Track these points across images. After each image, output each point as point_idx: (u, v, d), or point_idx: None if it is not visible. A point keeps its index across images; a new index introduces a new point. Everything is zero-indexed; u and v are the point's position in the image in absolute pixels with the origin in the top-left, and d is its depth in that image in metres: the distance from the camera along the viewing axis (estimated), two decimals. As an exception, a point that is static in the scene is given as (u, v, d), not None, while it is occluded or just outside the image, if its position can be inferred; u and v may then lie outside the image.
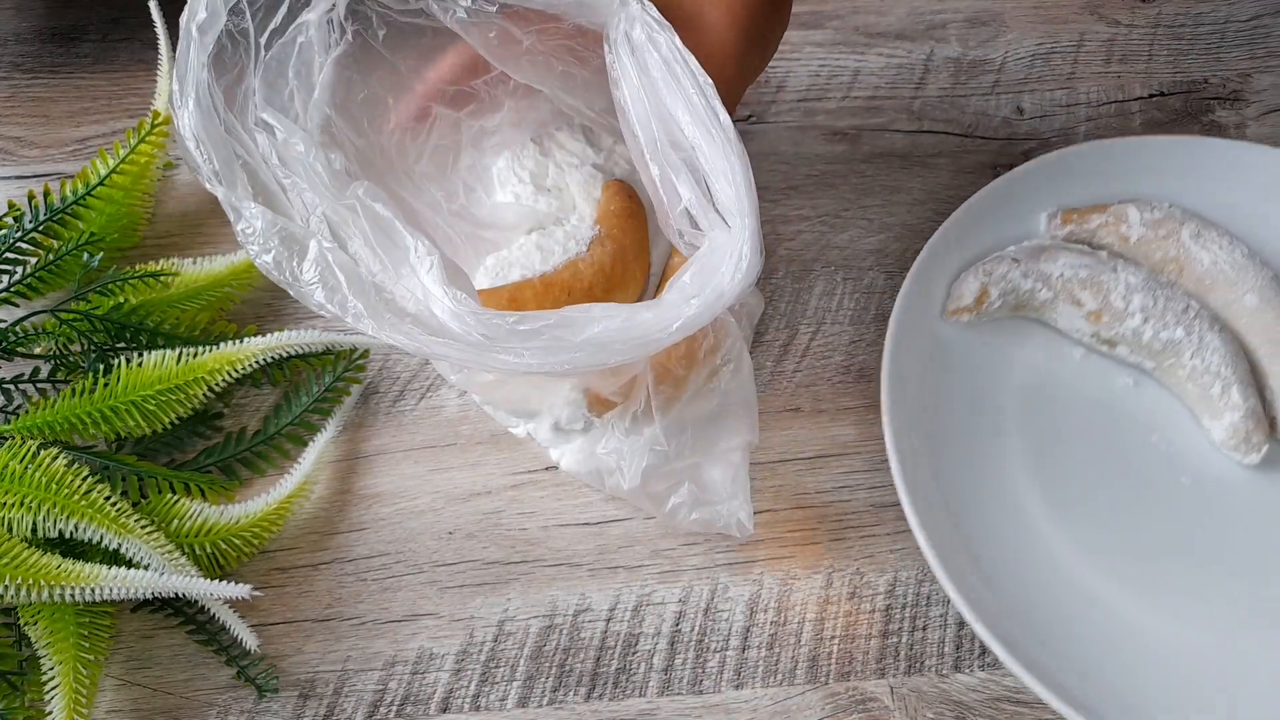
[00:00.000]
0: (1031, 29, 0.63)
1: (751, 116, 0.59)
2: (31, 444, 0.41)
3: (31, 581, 0.38)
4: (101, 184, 0.50)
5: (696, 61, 0.37)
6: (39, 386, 0.47)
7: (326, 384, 0.48)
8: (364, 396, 0.49)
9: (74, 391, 0.44)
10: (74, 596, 0.39)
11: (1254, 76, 0.60)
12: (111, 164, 0.50)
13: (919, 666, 0.43)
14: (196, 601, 0.42)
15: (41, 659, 0.40)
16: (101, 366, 0.45)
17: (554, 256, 0.47)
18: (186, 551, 0.43)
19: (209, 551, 0.43)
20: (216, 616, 0.42)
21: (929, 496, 0.44)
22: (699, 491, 0.43)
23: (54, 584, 0.38)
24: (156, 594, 0.39)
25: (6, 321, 0.48)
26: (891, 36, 0.62)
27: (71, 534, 0.40)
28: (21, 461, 0.40)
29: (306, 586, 0.45)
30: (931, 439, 0.46)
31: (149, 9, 0.54)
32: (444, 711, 0.42)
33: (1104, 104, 0.59)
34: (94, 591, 0.39)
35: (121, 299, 0.47)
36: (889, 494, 0.46)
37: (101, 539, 0.40)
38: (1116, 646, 0.42)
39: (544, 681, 0.43)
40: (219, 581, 0.39)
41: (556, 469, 0.47)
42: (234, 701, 0.42)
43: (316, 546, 0.46)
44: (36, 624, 0.41)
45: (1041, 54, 0.62)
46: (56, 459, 0.41)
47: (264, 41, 0.40)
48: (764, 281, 0.53)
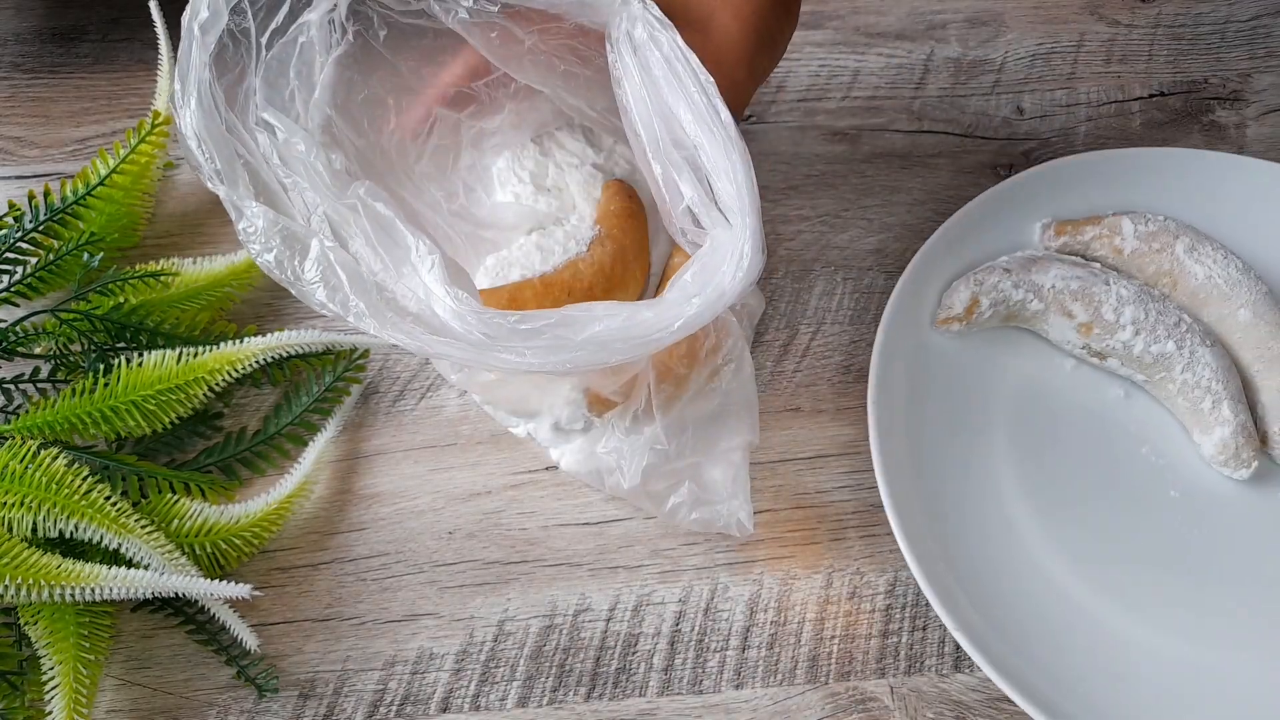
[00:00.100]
0: (1031, 29, 0.63)
1: (751, 116, 0.59)
2: (32, 444, 0.41)
3: (31, 581, 0.38)
4: (101, 184, 0.50)
5: (697, 59, 0.37)
6: (39, 386, 0.47)
7: (326, 384, 0.48)
8: (364, 396, 0.49)
9: (74, 391, 0.44)
10: (74, 596, 0.39)
11: (1254, 76, 0.60)
12: (111, 164, 0.50)
13: (919, 666, 0.43)
14: (196, 601, 0.42)
15: (41, 659, 0.40)
16: (101, 366, 0.45)
17: (554, 256, 0.47)
18: (186, 551, 0.43)
19: (209, 551, 0.43)
20: (216, 616, 0.42)
21: (914, 504, 0.43)
22: (699, 491, 0.43)
23: (54, 584, 0.38)
24: (156, 594, 0.39)
25: (6, 321, 0.48)
26: (891, 36, 0.62)
27: (71, 534, 0.40)
28: (22, 461, 0.41)
29: (306, 586, 0.45)
30: (919, 447, 0.46)
31: (149, 9, 0.54)
32: (444, 711, 0.42)
33: (1104, 104, 0.59)
34: (94, 591, 0.39)
35: (121, 299, 0.47)
36: (889, 494, 0.46)
37: (101, 539, 0.40)
38: (1102, 658, 0.42)
39: (544, 681, 0.43)
40: (219, 581, 0.39)
41: (556, 469, 0.47)
42: (234, 701, 0.42)
43: (316, 546, 0.46)
44: (36, 624, 0.41)
45: (1041, 54, 0.62)
46: (57, 459, 0.41)
47: (265, 41, 0.40)
48: (764, 281, 0.53)
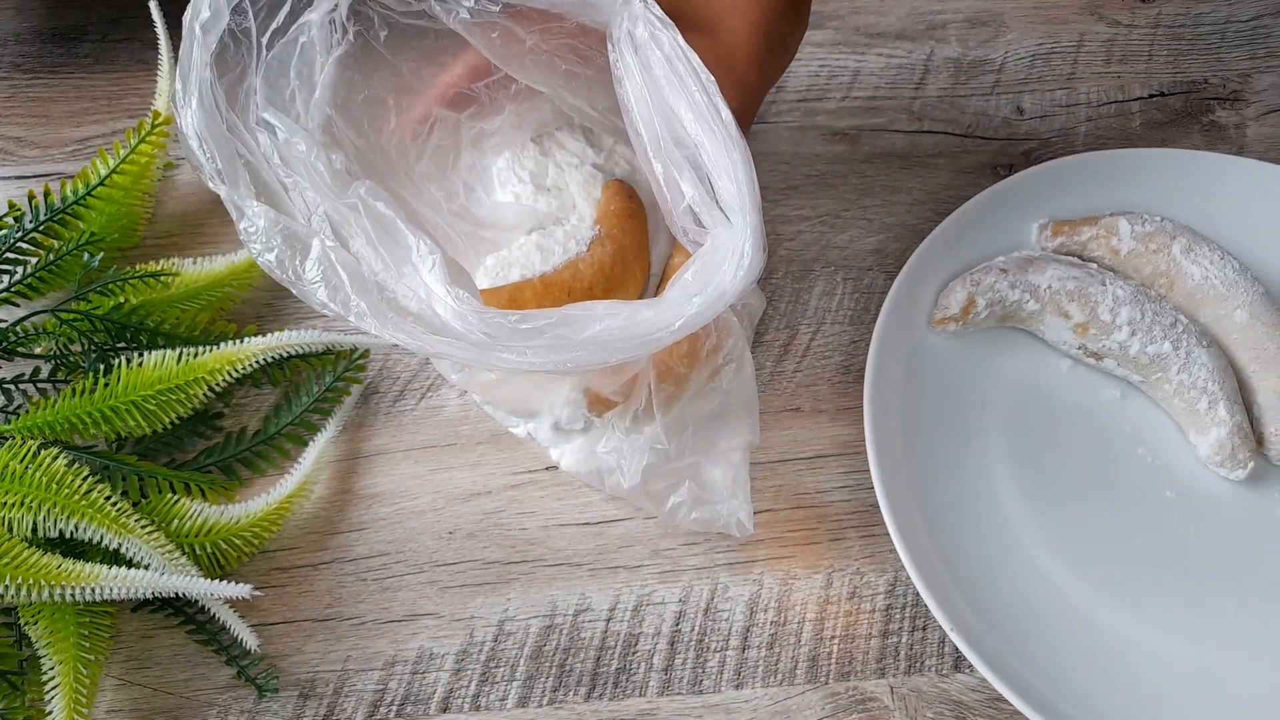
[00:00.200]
0: (1031, 29, 0.63)
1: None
2: (32, 444, 0.41)
3: (32, 581, 0.38)
4: (102, 184, 0.50)
5: (698, 59, 0.37)
6: (39, 386, 0.47)
7: (327, 384, 0.48)
8: (364, 396, 0.49)
9: (74, 391, 0.44)
10: (74, 596, 0.39)
11: (1254, 76, 0.60)
12: (112, 164, 0.50)
13: (919, 666, 0.43)
14: (197, 601, 0.43)
15: (42, 659, 0.40)
16: (102, 366, 0.45)
17: (554, 256, 0.47)
18: (187, 551, 0.43)
19: (209, 551, 0.43)
20: (216, 616, 0.42)
21: (910, 505, 0.44)
22: (699, 491, 0.43)
23: (54, 584, 0.38)
24: (157, 594, 0.39)
25: (7, 321, 0.48)
26: (891, 36, 0.62)
27: (72, 534, 0.40)
28: (22, 461, 0.41)
29: (306, 586, 0.45)
30: (915, 448, 0.46)
31: (149, 9, 0.54)
32: (444, 711, 0.42)
33: (1104, 104, 0.59)
34: (94, 591, 0.39)
35: (122, 299, 0.47)
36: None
37: (102, 539, 0.40)
38: (1099, 658, 0.42)
39: (544, 681, 0.43)
40: (219, 581, 0.39)
41: (556, 469, 0.47)
42: (234, 701, 0.42)
43: (316, 546, 0.46)
44: (37, 624, 0.41)
45: (1041, 54, 0.62)
46: (57, 459, 0.41)
47: (265, 41, 0.40)
48: (764, 281, 0.53)
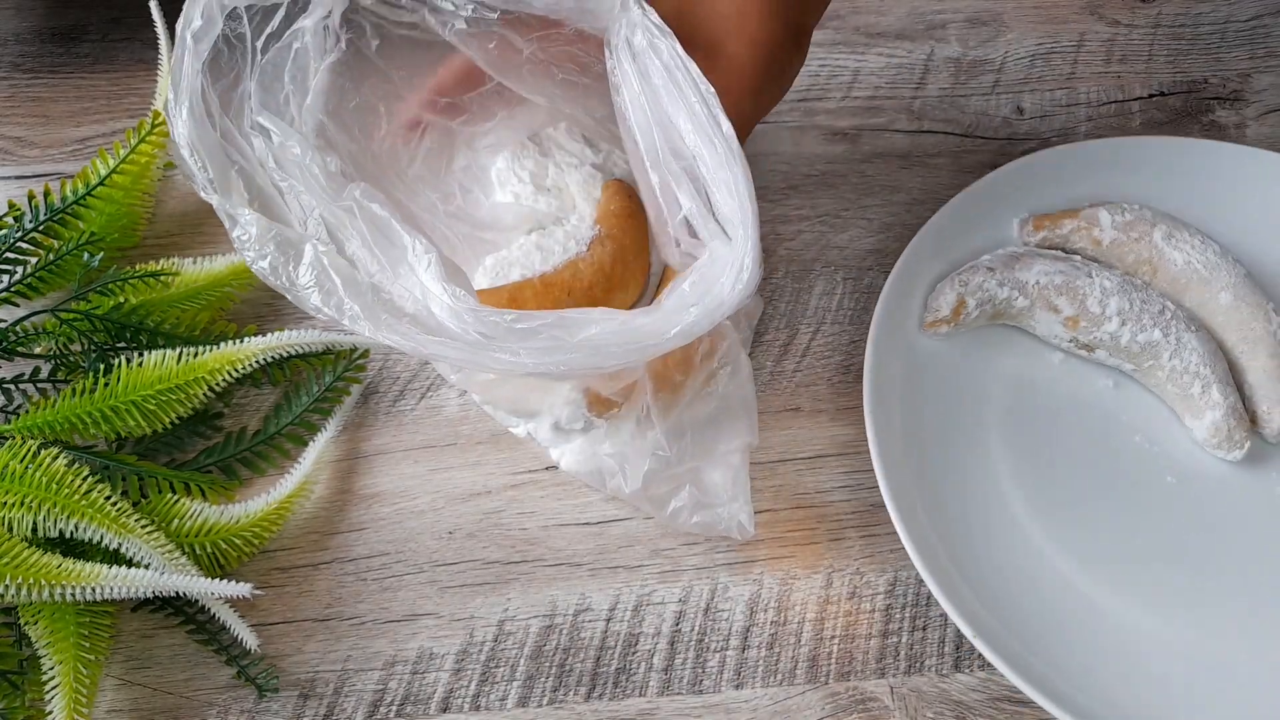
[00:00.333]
0: (1031, 29, 0.63)
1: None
2: (32, 444, 0.41)
3: (32, 581, 0.38)
4: (102, 184, 0.50)
5: (697, 68, 0.37)
6: (39, 386, 0.47)
7: (327, 384, 0.48)
8: (364, 396, 0.49)
9: (74, 391, 0.44)
10: (74, 596, 0.39)
11: (1254, 76, 0.60)
12: (112, 164, 0.50)
13: (919, 666, 0.43)
14: (196, 601, 0.42)
15: (42, 659, 0.40)
16: (102, 366, 0.45)
17: (554, 256, 0.47)
18: (186, 551, 0.43)
19: (209, 551, 0.43)
20: (216, 616, 0.42)
21: (915, 504, 0.44)
22: (700, 494, 0.43)
23: (54, 583, 0.38)
24: (157, 593, 0.39)
25: (7, 321, 0.48)
26: (891, 36, 0.62)
27: (72, 534, 0.40)
28: (22, 461, 0.41)
29: (306, 586, 0.45)
30: (916, 450, 0.46)
31: (149, 9, 0.54)
32: (444, 711, 0.42)
33: (1104, 104, 0.59)
34: (94, 591, 0.39)
35: (122, 299, 0.47)
36: (889, 494, 0.46)
37: (102, 539, 0.40)
38: (1110, 646, 0.42)
39: (544, 681, 0.43)
40: (219, 581, 0.39)
41: (556, 469, 0.47)
42: (234, 701, 0.42)
43: (316, 546, 0.46)
44: (36, 624, 0.41)
45: (1041, 54, 0.62)
46: (57, 459, 0.41)
47: (260, 45, 0.40)
48: (764, 281, 0.53)
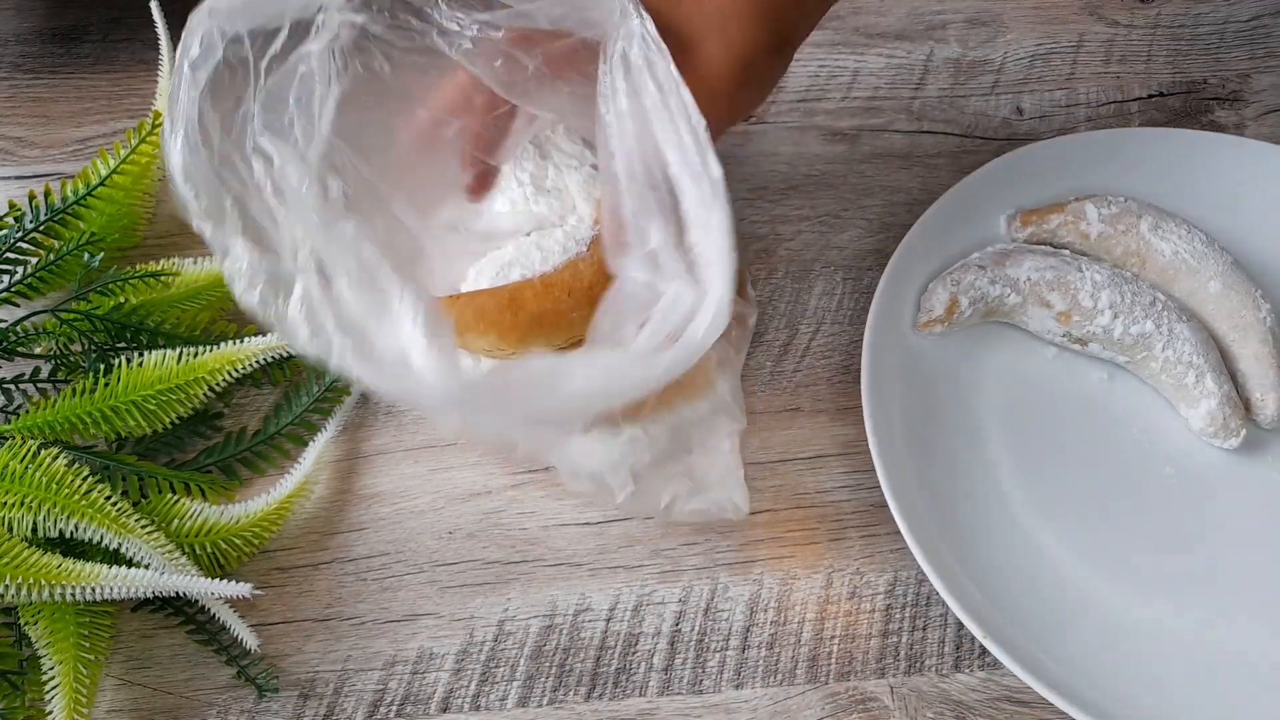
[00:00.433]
0: (1031, 29, 0.63)
1: (751, 117, 0.59)
2: (32, 444, 0.41)
3: (32, 581, 0.38)
4: (102, 184, 0.50)
5: (691, 97, 0.36)
6: (39, 386, 0.47)
7: (327, 384, 0.48)
8: (364, 396, 0.49)
9: (74, 391, 0.44)
10: (74, 596, 0.39)
11: (1254, 76, 0.60)
12: (112, 164, 0.50)
13: (919, 666, 0.43)
14: (196, 601, 0.42)
15: (42, 659, 0.40)
16: (102, 366, 0.45)
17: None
18: (186, 551, 0.43)
19: (209, 551, 0.43)
20: (216, 616, 0.42)
21: (916, 506, 0.44)
22: (692, 484, 0.43)
23: (54, 583, 0.38)
24: (157, 593, 0.39)
25: (7, 321, 0.48)
26: (891, 36, 0.62)
27: (72, 534, 0.40)
28: (22, 461, 0.41)
29: (306, 586, 0.45)
30: (915, 450, 0.46)
31: (150, 9, 0.54)
32: (444, 711, 0.42)
33: (1103, 104, 0.59)
34: (94, 591, 0.39)
35: (122, 299, 0.47)
36: (889, 494, 0.46)
37: (102, 539, 0.40)
38: (1113, 640, 0.42)
39: (544, 681, 0.43)
40: (219, 581, 0.39)
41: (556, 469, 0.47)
42: (234, 701, 0.42)
43: (316, 546, 0.46)
44: (37, 624, 0.41)
45: (1041, 54, 0.62)
46: (57, 459, 0.41)
47: (264, 67, 0.39)
48: (764, 281, 0.53)
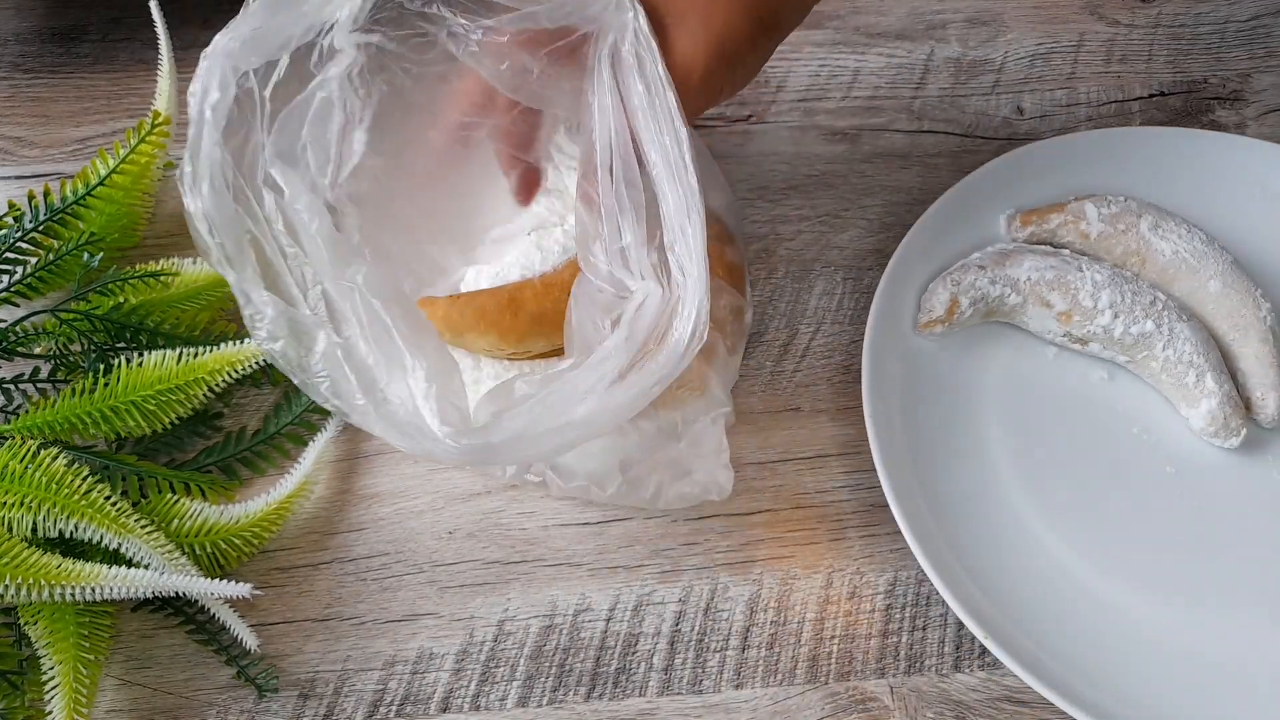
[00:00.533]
0: (1031, 29, 0.63)
1: (751, 116, 0.59)
2: (32, 444, 0.41)
3: (31, 581, 0.38)
4: (102, 184, 0.50)
5: (677, 101, 0.37)
6: (39, 386, 0.47)
7: (326, 384, 0.48)
8: (364, 396, 0.49)
9: (74, 391, 0.44)
10: (74, 596, 0.39)
11: (1254, 76, 0.60)
12: (112, 164, 0.50)
13: (919, 666, 0.43)
14: (196, 601, 0.42)
15: (41, 659, 0.40)
16: (101, 366, 0.45)
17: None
18: (186, 551, 0.43)
19: (209, 551, 0.43)
20: (216, 616, 0.42)
21: (917, 506, 0.44)
22: (677, 471, 0.43)
23: (54, 583, 0.38)
24: (156, 593, 0.39)
25: (6, 321, 0.48)
26: (891, 36, 0.62)
27: (71, 534, 0.40)
28: (21, 461, 0.40)
29: (306, 586, 0.45)
30: (916, 450, 0.46)
31: (149, 9, 0.54)
32: (444, 711, 0.42)
33: (1104, 104, 0.59)
34: (94, 591, 0.39)
35: (121, 299, 0.47)
36: (889, 494, 0.46)
37: (101, 539, 0.40)
38: (1115, 640, 0.42)
39: (544, 681, 0.43)
40: (219, 581, 0.39)
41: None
42: (234, 701, 0.42)
43: (316, 546, 0.46)
44: (36, 624, 0.41)
45: (1041, 54, 0.62)
46: (56, 459, 0.41)
47: (268, 95, 0.39)
48: (764, 281, 0.53)
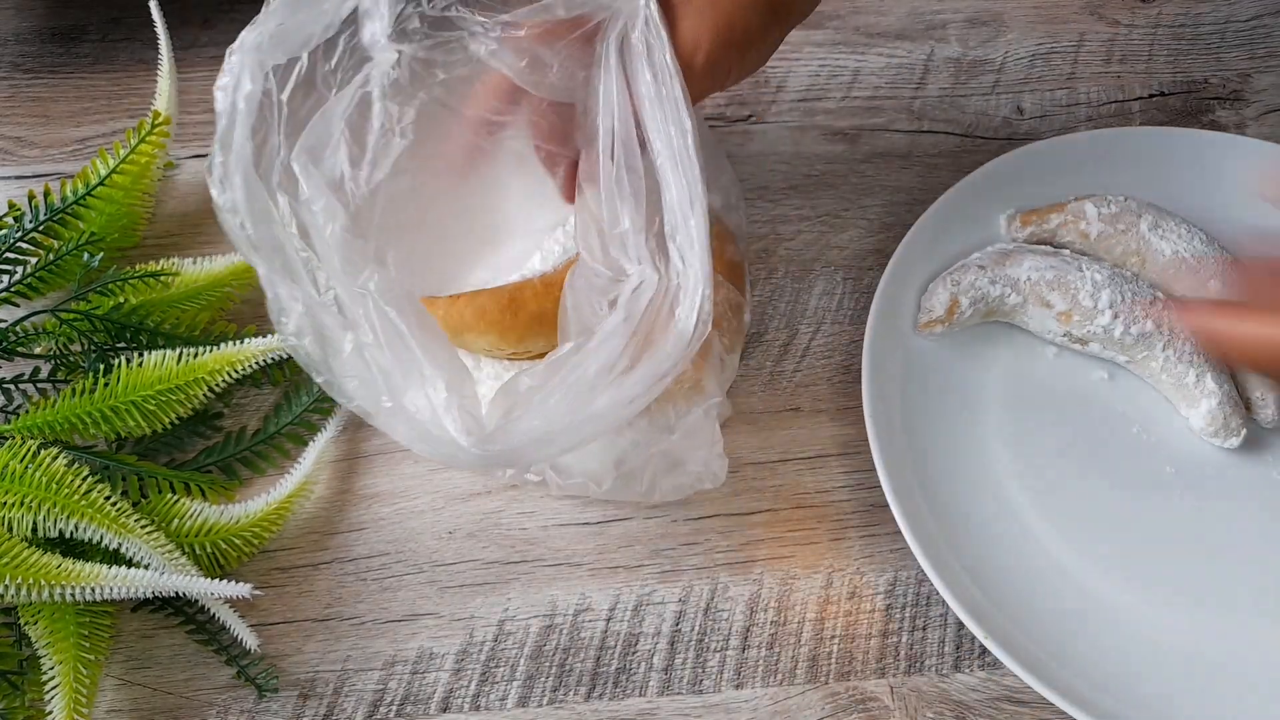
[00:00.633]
0: (1031, 29, 0.63)
1: (751, 116, 0.59)
2: (32, 444, 0.41)
3: (32, 581, 0.38)
4: (102, 184, 0.50)
5: (684, 91, 0.36)
6: (39, 386, 0.47)
7: (326, 384, 0.48)
8: (364, 396, 0.49)
9: (74, 391, 0.44)
10: (74, 596, 0.39)
11: (1254, 76, 0.60)
12: (112, 164, 0.50)
13: (919, 666, 0.43)
14: (196, 601, 0.42)
15: (42, 659, 0.40)
16: (101, 366, 0.45)
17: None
18: (186, 551, 0.43)
19: (209, 551, 0.43)
20: (216, 616, 0.42)
21: (917, 506, 0.44)
22: (671, 462, 0.43)
23: (54, 583, 0.38)
24: (156, 593, 0.39)
25: (7, 321, 0.48)
26: (891, 36, 0.62)
27: (72, 534, 0.40)
28: (22, 461, 0.40)
29: (306, 586, 0.45)
30: (916, 450, 0.46)
31: (149, 9, 0.54)
32: (444, 711, 0.42)
33: (1104, 104, 0.59)
34: (94, 591, 0.39)
35: (122, 299, 0.47)
36: (889, 494, 0.46)
37: (101, 539, 0.40)
38: (1115, 640, 0.42)
39: (544, 681, 0.43)
40: (219, 581, 0.39)
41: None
42: (234, 701, 0.42)
43: (316, 546, 0.46)
44: (36, 624, 0.41)
45: (1041, 54, 0.62)
46: (57, 459, 0.41)
47: (285, 99, 0.39)
48: (764, 281, 0.53)
